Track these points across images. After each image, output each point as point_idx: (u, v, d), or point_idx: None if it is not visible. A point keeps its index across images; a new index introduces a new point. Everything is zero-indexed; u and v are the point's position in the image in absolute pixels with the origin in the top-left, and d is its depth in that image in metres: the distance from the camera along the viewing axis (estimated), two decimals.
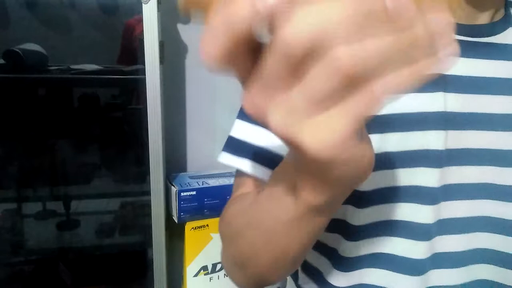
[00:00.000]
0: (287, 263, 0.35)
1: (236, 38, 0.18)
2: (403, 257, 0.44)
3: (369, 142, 0.23)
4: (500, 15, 0.47)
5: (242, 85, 0.21)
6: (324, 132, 0.18)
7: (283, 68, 0.18)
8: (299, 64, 0.18)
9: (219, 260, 1.18)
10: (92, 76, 1.10)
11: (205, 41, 0.18)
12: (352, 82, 0.17)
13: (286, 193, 0.28)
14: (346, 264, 0.47)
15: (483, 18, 0.46)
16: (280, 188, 0.29)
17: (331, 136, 0.18)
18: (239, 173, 0.47)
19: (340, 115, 0.18)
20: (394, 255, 0.45)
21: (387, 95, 0.18)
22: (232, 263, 0.41)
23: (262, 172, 0.44)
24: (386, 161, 0.43)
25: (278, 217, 0.30)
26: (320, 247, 0.50)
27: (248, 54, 0.20)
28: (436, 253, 0.44)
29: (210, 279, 1.18)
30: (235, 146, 0.47)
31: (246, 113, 0.21)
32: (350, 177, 0.23)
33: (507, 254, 0.45)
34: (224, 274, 1.20)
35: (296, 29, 0.17)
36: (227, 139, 0.49)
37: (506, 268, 0.45)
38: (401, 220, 0.44)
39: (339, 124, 0.18)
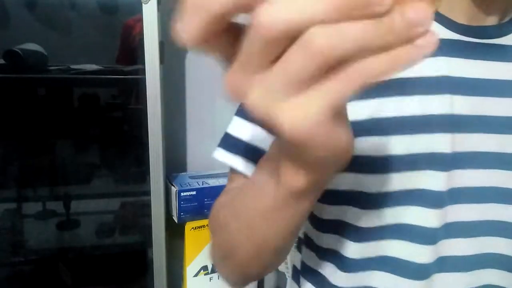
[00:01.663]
0: (268, 253, 0.36)
1: (211, 18, 0.18)
2: (407, 261, 0.44)
3: (347, 126, 0.23)
4: (509, 15, 0.46)
5: (224, 67, 0.21)
6: (299, 114, 0.19)
7: (261, 51, 0.18)
8: (277, 46, 0.18)
9: None
10: (92, 76, 1.10)
11: (182, 20, 0.18)
12: (328, 65, 0.18)
13: (268, 180, 0.29)
14: (349, 265, 0.46)
15: (492, 19, 0.45)
16: (263, 176, 0.30)
17: (306, 119, 0.19)
18: (232, 169, 0.48)
19: (315, 98, 0.18)
20: (399, 258, 0.44)
21: (363, 80, 0.18)
22: (218, 255, 0.42)
23: (253, 170, 0.44)
24: (392, 164, 0.42)
25: (260, 204, 0.31)
26: (323, 249, 0.49)
27: (228, 36, 0.20)
28: (441, 256, 0.44)
29: (210, 279, 1.18)
30: (229, 143, 0.48)
31: (229, 95, 0.21)
32: (327, 160, 0.23)
33: None
34: None
35: (274, 14, 0.17)
36: (224, 135, 0.49)
37: None
38: (406, 224, 0.43)
39: (314, 107, 0.18)
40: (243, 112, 0.47)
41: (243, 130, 0.47)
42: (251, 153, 0.45)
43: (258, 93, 0.19)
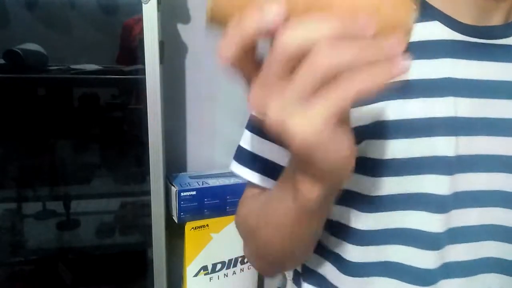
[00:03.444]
0: (300, 252, 0.42)
1: (245, 44, 0.23)
2: (412, 266, 0.43)
3: (349, 135, 0.27)
4: None
5: (248, 87, 0.26)
6: (307, 121, 0.23)
7: (280, 67, 0.23)
8: (291, 63, 0.23)
9: (219, 260, 1.18)
10: (92, 76, 1.10)
11: (222, 45, 0.24)
12: (329, 77, 0.23)
13: (287, 196, 0.33)
14: (353, 269, 0.46)
15: (497, 19, 0.44)
16: (283, 193, 0.34)
17: (312, 124, 0.23)
18: (249, 181, 0.49)
19: (319, 105, 0.23)
20: (403, 264, 0.44)
21: (355, 92, 0.23)
22: (253, 255, 0.46)
23: (268, 183, 0.46)
24: (393, 167, 0.42)
25: (284, 217, 0.35)
26: (325, 250, 0.49)
27: (254, 63, 0.25)
28: (446, 262, 0.44)
29: (210, 279, 1.18)
30: (243, 157, 0.49)
31: (252, 109, 0.25)
32: (333, 170, 0.27)
33: None
34: (224, 274, 1.20)
35: (290, 36, 0.23)
36: (238, 149, 0.50)
37: None
38: (410, 228, 0.43)
39: (318, 113, 0.23)
40: (253, 126, 0.48)
41: (255, 144, 0.48)
42: (264, 166, 0.47)
43: (276, 107, 0.24)
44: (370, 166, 0.42)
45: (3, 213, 1.18)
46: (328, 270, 0.49)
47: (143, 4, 0.90)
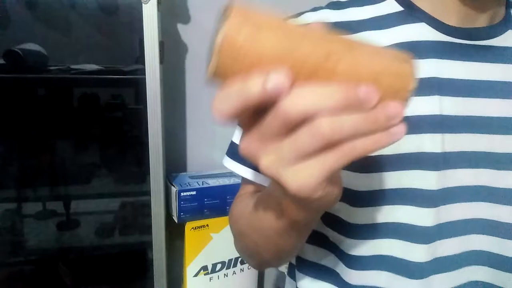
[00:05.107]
0: (286, 255, 0.43)
1: (244, 105, 0.24)
2: (404, 259, 0.44)
3: (339, 183, 0.29)
4: (499, 17, 0.47)
5: (241, 131, 0.27)
6: (303, 177, 0.25)
7: (280, 128, 0.24)
8: (291, 126, 0.24)
9: (219, 260, 1.18)
10: (92, 76, 1.10)
11: (218, 99, 0.24)
12: (329, 145, 0.24)
13: (274, 209, 0.35)
14: (352, 262, 0.47)
15: (482, 21, 0.45)
16: (270, 205, 0.35)
17: (308, 181, 0.25)
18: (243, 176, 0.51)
19: (316, 166, 0.25)
20: (395, 257, 0.45)
21: (352, 155, 0.25)
22: (243, 252, 0.49)
23: (260, 178, 0.48)
24: (382, 164, 0.43)
25: (271, 226, 0.36)
26: (327, 243, 0.50)
27: (251, 114, 0.26)
28: (437, 257, 0.44)
29: (210, 279, 1.18)
30: (236, 152, 0.50)
31: (244, 155, 0.26)
32: (321, 206, 0.30)
33: (501, 256, 0.45)
34: (224, 274, 1.20)
35: (293, 103, 0.23)
36: (230, 144, 0.52)
37: (500, 270, 0.45)
38: (400, 223, 0.44)
39: (314, 173, 0.25)
40: None
41: None
42: None
43: (270, 158, 0.25)
44: (358, 162, 0.43)
45: (3, 213, 1.18)
46: (332, 261, 0.50)
47: (143, 4, 0.90)
